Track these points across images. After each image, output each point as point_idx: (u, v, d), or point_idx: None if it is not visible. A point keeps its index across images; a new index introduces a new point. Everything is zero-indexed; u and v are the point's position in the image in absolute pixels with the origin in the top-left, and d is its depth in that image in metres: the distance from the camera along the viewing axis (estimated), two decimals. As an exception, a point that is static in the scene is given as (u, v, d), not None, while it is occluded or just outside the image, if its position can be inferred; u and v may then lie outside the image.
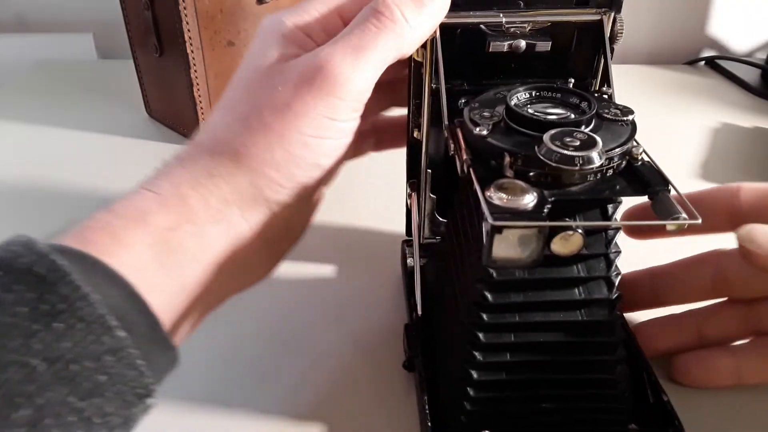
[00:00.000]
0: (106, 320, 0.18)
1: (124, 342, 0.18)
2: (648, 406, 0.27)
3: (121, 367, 0.18)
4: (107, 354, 0.18)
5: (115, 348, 0.18)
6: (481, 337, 0.24)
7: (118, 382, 0.18)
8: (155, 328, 0.20)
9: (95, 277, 0.18)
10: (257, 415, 0.29)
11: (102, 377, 0.18)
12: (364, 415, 0.29)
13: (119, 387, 0.18)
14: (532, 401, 0.25)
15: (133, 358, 0.18)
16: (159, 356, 0.20)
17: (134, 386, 0.18)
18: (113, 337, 0.18)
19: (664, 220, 0.20)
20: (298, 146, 0.23)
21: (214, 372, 0.32)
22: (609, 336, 0.25)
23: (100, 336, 0.18)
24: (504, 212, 0.20)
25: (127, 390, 0.18)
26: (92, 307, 0.17)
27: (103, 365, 0.18)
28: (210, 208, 0.23)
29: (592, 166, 0.20)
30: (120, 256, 0.20)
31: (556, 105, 0.24)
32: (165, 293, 0.21)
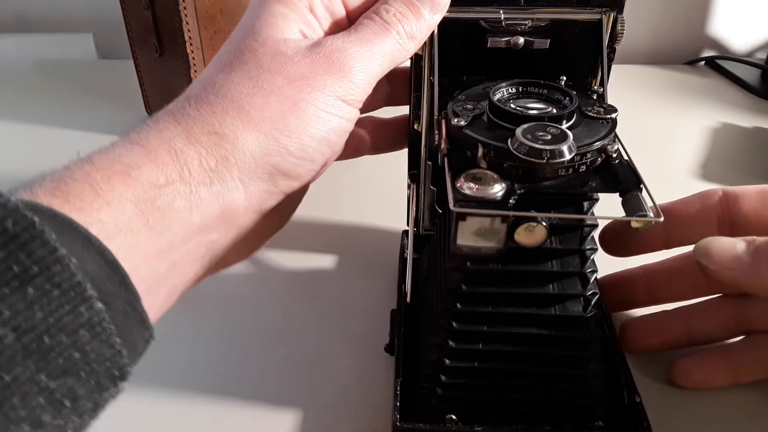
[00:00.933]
0: (84, 289, 0.16)
1: (102, 316, 0.16)
2: (623, 405, 0.27)
3: (97, 344, 0.16)
4: (83, 328, 0.16)
5: (92, 322, 0.16)
6: (455, 325, 0.25)
7: (93, 361, 0.16)
8: (134, 303, 0.18)
9: (71, 240, 0.16)
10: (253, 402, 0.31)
11: (76, 354, 0.16)
12: (345, 396, 0.30)
13: (94, 367, 0.16)
14: (502, 391, 0.26)
15: (109, 335, 0.16)
16: (135, 335, 0.18)
17: (109, 367, 0.17)
18: (91, 310, 0.16)
19: (631, 217, 0.20)
20: (312, 117, 0.23)
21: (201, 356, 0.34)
22: (582, 332, 0.25)
23: (77, 307, 0.15)
24: (472, 200, 0.20)
25: (101, 371, 0.16)
26: (69, 272, 0.15)
27: (77, 341, 0.16)
28: (206, 167, 0.21)
29: (562, 160, 0.21)
30: (101, 212, 0.18)
31: (539, 101, 0.25)
32: (146, 259, 0.19)
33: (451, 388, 0.26)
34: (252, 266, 0.40)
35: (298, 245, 0.42)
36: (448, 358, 0.25)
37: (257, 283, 0.38)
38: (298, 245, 0.42)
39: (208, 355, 0.33)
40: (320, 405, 0.30)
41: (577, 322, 0.25)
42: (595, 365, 0.26)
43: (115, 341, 0.17)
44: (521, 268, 0.24)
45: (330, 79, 0.23)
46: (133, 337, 0.18)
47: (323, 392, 0.31)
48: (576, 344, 0.25)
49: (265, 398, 0.30)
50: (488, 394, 0.26)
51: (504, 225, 0.20)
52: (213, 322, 0.35)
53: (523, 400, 0.26)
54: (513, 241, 0.21)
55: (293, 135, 0.23)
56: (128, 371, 0.17)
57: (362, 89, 0.25)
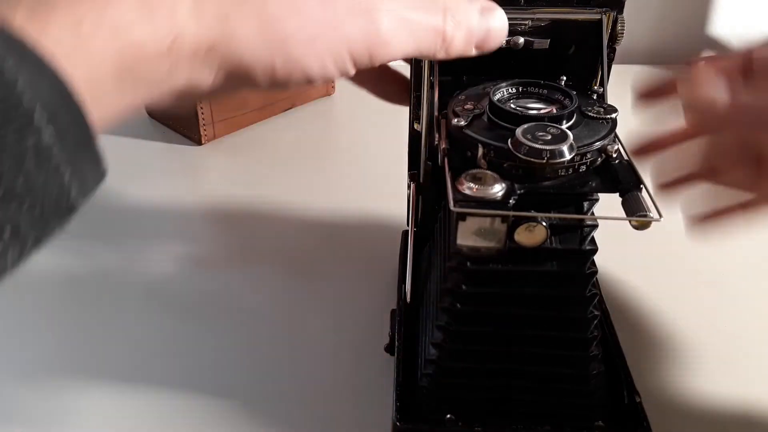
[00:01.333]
0: (33, 111, 0.14)
1: (51, 142, 0.15)
2: (623, 405, 0.27)
3: (44, 174, 0.15)
4: (30, 154, 0.14)
5: (39, 148, 0.15)
6: (454, 325, 0.25)
7: (38, 191, 0.15)
8: (88, 137, 0.16)
9: (26, 61, 0.15)
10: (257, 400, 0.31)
11: (20, 179, 0.14)
12: (345, 396, 0.30)
13: (38, 197, 0.15)
14: (501, 391, 0.26)
15: (58, 166, 0.15)
16: (86, 171, 0.17)
17: (56, 200, 0.15)
18: (39, 135, 0.15)
19: (631, 217, 0.20)
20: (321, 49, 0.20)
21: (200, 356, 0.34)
22: (582, 332, 0.25)
23: (24, 129, 0.14)
24: (472, 200, 0.20)
25: (47, 203, 0.15)
26: (16, 90, 0.14)
27: (23, 166, 0.14)
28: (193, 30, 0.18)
29: (562, 160, 0.21)
30: (62, 34, 0.16)
31: (540, 101, 0.25)
32: (104, 92, 0.17)
33: (451, 388, 0.26)
34: (251, 266, 0.40)
35: (297, 245, 0.42)
36: (448, 358, 0.25)
37: (257, 283, 0.38)
38: (298, 245, 0.42)
39: (207, 355, 0.33)
40: (320, 404, 0.30)
41: (578, 322, 0.25)
42: (595, 365, 0.26)
43: (64, 173, 0.15)
44: (521, 268, 0.24)
45: (350, 17, 0.20)
46: (85, 172, 0.17)
47: (323, 392, 0.31)
48: (576, 344, 0.25)
49: (264, 398, 0.30)
50: (488, 394, 0.26)
51: (504, 225, 0.20)
52: (212, 323, 0.35)
53: (522, 400, 0.26)
54: (513, 241, 0.21)
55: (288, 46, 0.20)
56: (75, 207, 0.16)
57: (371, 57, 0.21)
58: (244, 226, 0.44)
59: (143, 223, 0.44)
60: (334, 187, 0.48)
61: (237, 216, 0.45)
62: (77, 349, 0.34)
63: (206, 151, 0.53)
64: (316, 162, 0.52)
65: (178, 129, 0.56)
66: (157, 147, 0.54)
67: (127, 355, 0.33)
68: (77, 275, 0.39)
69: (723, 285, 0.38)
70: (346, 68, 0.21)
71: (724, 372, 0.32)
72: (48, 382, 0.32)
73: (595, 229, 0.24)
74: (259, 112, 0.57)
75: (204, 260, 0.40)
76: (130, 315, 0.36)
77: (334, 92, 0.64)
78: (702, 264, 0.40)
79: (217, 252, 0.41)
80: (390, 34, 0.21)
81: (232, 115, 0.55)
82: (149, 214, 0.45)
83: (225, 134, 0.55)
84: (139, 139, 0.55)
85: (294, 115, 0.59)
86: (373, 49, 0.21)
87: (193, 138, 0.54)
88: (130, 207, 0.46)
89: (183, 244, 0.42)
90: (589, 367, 0.25)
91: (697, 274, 0.39)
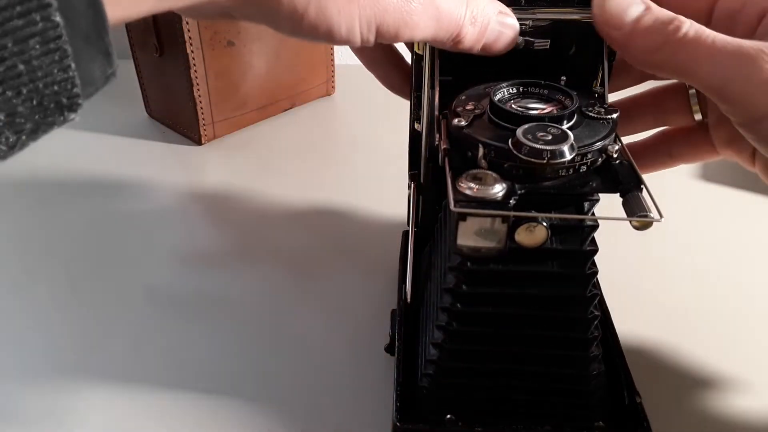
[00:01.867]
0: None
1: (59, 32, 0.14)
2: (623, 406, 0.27)
3: (47, 62, 0.14)
4: (34, 39, 0.14)
5: (46, 36, 0.14)
6: (454, 325, 0.25)
7: (39, 79, 0.14)
8: (101, 30, 0.15)
9: None
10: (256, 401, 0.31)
11: (21, 66, 0.14)
12: (345, 396, 0.30)
13: (39, 86, 0.14)
14: (502, 391, 0.26)
15: (64, 57, 0.15)
16: (94, 66, 0.16)
17: (57, 92, 0.15)
18: (47, 21, 0.14)
19: (631, 217, 0.20)
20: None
21: (199, 356, 0.34)
22: (582, 333, 0.25)
23: (31, 12, 0.13)
24: (472, 201, 0.20)
25: (47, 93, 0.15)
26: None
27: (25, 51, 0.14)
28: None
29: (562, 161, 0.21)
30: None
31: (541, 101, 0.25)
32: None
33: (451, 389, 0.26)
34: (251, 266, 0.40)
35: (297, 245, 0.42)
36: (448, 358, 0.25)
37: (256, 282, 0.38)
38: (298, 245, 0.42)
39: (207, 355, 0.33)
40: (320, 404, 0.30)
41: (578, 322, 0.25)
42: (596, 366, 0.26)
43: (69, 65, 0.15)
44: (522, 268, 0.24)
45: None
46: (93, 67, 0.16)
47: (323, 392, 0.31)
48: (576, 345, 0.25)
49: (264, 397, 0.30)
50: (488, 394, 0.26)
51: (504, 225, 0.20)
52: (211, 323, 0.35)
53: (523, 401, 0.26)
54: (513, 242, 0.21)
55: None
56: (78, 102, 0.16)
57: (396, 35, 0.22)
58: (243, 225, 0.44)
59: (143, 223, 0.44)
60: (334, 187, 0.48)
61: (237, 215, 0.45)
62: (76, 349, 0.34)
63: (206, 151, 0.53)
64: (316, 162, 0.52)
65: (178, 129, 0.56)
66: (157, 147, 0.54)
67: (127, 354, 0.33)
68: (76, 275, 0.39)
69: (725, 286, 0.38)
70: (370, 38, 0.21)
71: (725, 373, 0.32)
72: (46, 381, 0.32)
73: (596, 229, 0.24)
74: (259, 112, 0.57)
75: (203, 260, 0.40)
76: (129, 314, 0.36)
77: (334, 92, 0.64)
78: (703, 264, 0.40)
79: (216, 252, 0.41)
80: (419, 15, 0.21)
81: (232, 115, 0.55)
82: (149, 214, 0.45)
83: (225, 134, 0.55)
84: (139, 139, 0.55)
85: (294, 115, 0.59)
86: (401, 26, 0.21)
87: (193, 138, 0.54)
88: (129, 207, 0.46)
89: (182, 244, 0.42)
90: (589, 368, 0.25)
91: (698, 273, 0.39)
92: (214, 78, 0.52)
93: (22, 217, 0.45)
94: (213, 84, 0.52)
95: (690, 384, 0.31)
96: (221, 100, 0.54)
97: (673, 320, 0.35)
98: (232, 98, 0.54)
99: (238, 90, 0.54)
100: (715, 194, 0.47)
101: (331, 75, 0.63)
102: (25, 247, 0.42)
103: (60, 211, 0.45)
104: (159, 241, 0.42)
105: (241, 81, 0.54)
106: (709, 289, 0.38)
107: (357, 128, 0.58)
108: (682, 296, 0.37)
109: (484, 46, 0.24)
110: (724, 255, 0.41)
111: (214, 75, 0.52)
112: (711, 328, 0.35)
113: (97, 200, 0.46)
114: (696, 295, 0.37)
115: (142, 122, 0.57)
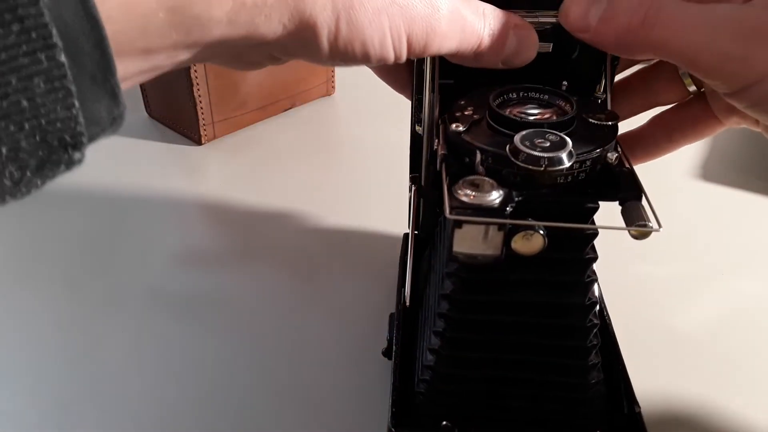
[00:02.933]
0: (50, 34, 0.14)
1: (63, 71, 0.14)
2: (622, 415, 0.27)
3: (51, 99, 0.14)
4: (39, 77, 0.14)
5: (51, 74, 0.14)
6: (451, 332, 0.25)
7: (42, 116, 0.14)
8: (106, 71, 0.15)
9: None
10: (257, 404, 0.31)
11: (24, 102, 0.14)
12: (341, 400, 0.30)
13: (41, 122, 0.15)
14: (499, 398, 0.26)
15: (68, 95, 0.15)
16: (100, 106, 0.16)
17: (60, 128, 0.15)
18: (52, 60, 0.14)
19: (630, 227, 0.20)
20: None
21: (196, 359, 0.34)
22: (581, 341, 0.25)
23: (37, 51, 0.14)
24: (468, 208, 0.20)
25: (50, 129, 0.15)
26: (36, 8, 0.13)
27: (29, 88, 0.14)
28: None
29: (560, 168, 0.20)
30: None
31: (540, 106, 0.24)
32: (133, 35, 0.16)
33: (448, 395, 0.26)
34: (250, 267, 0.40)
35: (297, 246, 0.42)
36: (445, 365, 0.25)
37: (255, 284, 0.38)
38: (298, 246, 0.42)
39: (203, 358, 0.33)
40: (315, 407, 0.30)
41: (577, 330, 0.24)
42: (594, 374, 0.25)
43: (73, 103, 0.15)
44: (519, 275, 0.24)
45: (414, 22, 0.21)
46: (98, 107, 0.16)
47: (319, 395, 0.31)
48: (575, 353, 0.25)
49: (260, 399, 0.30)
50: (485, 401, 0.26)
51: (501, 233, 0.20)
52: (209, 324, 0.35)
53: (520, 408, 0.26)
54: (510, 249, 0.21)
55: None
56: (82, 141, 0.16)
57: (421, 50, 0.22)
58: (243, 226, 0.44)
59: (142, 223, 0.44)
60: (334, 187, 0.48)
61: (236, 216, 0.45)
62: (75, 349, 0.34)
63: (206, 151, 0.53)
64: (316, 162, 0.52)
65: (178, 129, 0.56)
66: (157, 147, 0.54)
67: (125, 354, 0.33)
68: (76, 275, 0.39)
69: (726, 287, 0.38)
70: (402, 51, 0.21)
71: (726, 381, 0.32)
72: (44, 382, 0.32)
73: (595, 236, 0.24)
74: (259, 112, 0.57)
75: (203, 260, 0.40)
76: (128, 315, 0.36)
77: (335, 92, 0.64)
78: (704, 265, 0.40)
79: (216, 252, 0.41)
80: (447, 26, 0.21)
81: (232, 115, 0.55)
82: (148, 214, 0.45)
83: (225, 134, 0.55)
84: (139, 139, 0.55)
85: (294, 115, 0.59)
86: (430, 38, 0.21)
87: (193, 138, 0.54)
88: (129, 207, 0.46)
89: (182, 245, 0.42)
90: (588, 376, 0.25)
91: (699, 275, 0.39)
92: (214, 78, 0.52)
93: (20, 217, 0.45)
94: (213, 84, 0.52)
95: (690, 394, 0.31)
96: (221, 100, 0.53)
97: (674, 326, 0.35)
98: (232, 98, 0.54)
99: (238, 90, 0.54)
100: (715, 194, 0.47)
101: (331, 75, 0.62)
102: (23, 247, 0.42)
103: (59, 210, 0.45)
104: (158, 241, 0.42)
105: (241, 81, 0.54)
106: (710, 292, 0.37)
107: (357, 128, 0.58)
108: (684, 301, 0.37)
109: (504, 59, 0.24)
110: (725, 256, 0.40)
111: (214, 75, 0.51)
112: (713, 333, 0.34)
113: (97, 200, 0.46)
114: (698, 299, 0.37)
115: (142, 122, 0.57)
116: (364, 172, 0.50)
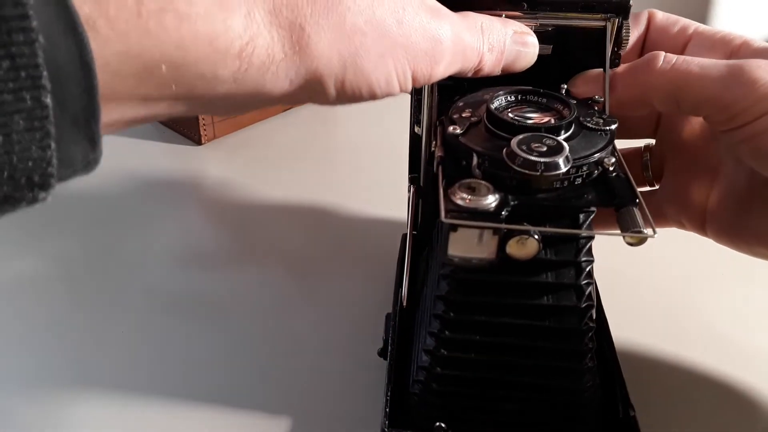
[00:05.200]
0: (40, 75, 0.14)
1: (46, 113, 0.14)
2: (617, 419, 0.27)
3: (27, 139, 0.14)
4: (20, 114, 0.14)
5: (32, 114, 0.14)
6: (447, 333, 0.25)
7: (15, 153, 0.14)
8: (90, 118, 0.15)
9: (55, 18, 0.14)
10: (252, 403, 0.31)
11: (0, 137, 0.14)
12: (336, 400, 0.30)
13: (12, 159, 0.14)
14: (494, 401, 0.26)
15: (44, 137, 0.14)
16: (77, 148, 0.16)
17: (31, 168, 0.15)
18: (37, 101, 0.14)
19: (625, 232, 0.20)
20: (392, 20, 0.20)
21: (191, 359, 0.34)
22: (576, 344, 0.25)
23: (23, 90, 0.14)
24: (464, 211, 0.20)
25: (20, 167, 0.15)
26: (31, 49, 0.13)
27: (8, 124, 0.14)
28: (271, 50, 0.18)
29: (557, 173, 0.20)
30: (110, 6, 0.15)
31: (538, 110, 0.24)
32: (123, 87, 0.16)
33: (442, 396, 0.26)
34: (249, 267, 0.40)
35: (296, 246, 0.42)
36: (440, 366, 0.25)
37: (254, 283, 0.38)
38: (297, 246, 0.42)
39: (199, 358, 0.33)
40: (310, 409, 0.30)
41: (572, 334, 0.24)
42: (589, 377, 0.25)
43: (50, 144, 0.15)
44: (515, 278, 0.24)
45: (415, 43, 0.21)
46: (74, 150, 0.16)
47: (313, 395, 0.31)
48: (570, 356, 0.25)
49: (255, 400, 0.30)
50: (479, 403, 0.26)
51: (496, 237, 0.20)
52: (205, 325, 0.35)
53: (514, 411, 0.26)
54: (505, 253, 0.21)
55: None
56: (50, 183, 0.16)
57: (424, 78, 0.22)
58: (243, 226, 0.44)
59: (142, 223, 0.44)
60: (333, 187, 0.48)
61: (236, 216, 0.45)
62: (75, 350, 0.34)
63: (206, 151, 0.53)
64: (316, 162, 0.52)
65: (177, 129, 0.56)
66: (157, 147, 0.54)
67: (126, 355, 0.33)
68: (75, 275, 0.39)
69: (726, 290, 0.38)
70: (407, 85, 0.22)
71: (723, 385, 0.32)
72: (43, 384, 0.32)
73: (592, 240, 0.24)
74: (259, 112, 0.57)
75: (201, 260, 0.40)
76: (128, 315, 0.36)
77: (337, 92, 0.64)
78: (704, 266, 0.39)
79: (215, 252, 0.41)
80: (450, 54, 0.22)
81: (232, 115, 0.55)
82: (148, 214, 0.45)
83: (225, 134, 0.55)
84: (139, 139, 0.54)
85: (294, 115, 0.59)
86: (434, 68, 0.22)
87: (193, 138, 0.54)
88: (129, 207, 0.46)
89: (182, 244, 0.42)
90: (582, 380, 0.25)
91: (699, 278, 0.39)
92: (215, 77, 0.52)
93: (19, 217, 0.45)
94: (214, 83, 0.52)
95: (687, 397, 0.31)
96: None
97: (671, 329, 0.35)
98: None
99: (239, 89, 0.54)
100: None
101: (334, 75, 0.62)
102: (21, 247, 0.42)
103: (58, 210, 0.45)
104: (158, 241, 0.42)
105: (242, 80, 0.54)
106: (710, 293, 0.37)
107: (357, 128, 0.58)
108: (682, 304, 0.37)
109: (504, 67, 0.25)
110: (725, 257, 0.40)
111: (215, 74, 0.51)
112: (711, 338, 0.34)
113: (96, 200, 0.46)
114: (696, 303, 0.37)
115: (143, 121, 0.57)
116: (363, 172, 0.50)
